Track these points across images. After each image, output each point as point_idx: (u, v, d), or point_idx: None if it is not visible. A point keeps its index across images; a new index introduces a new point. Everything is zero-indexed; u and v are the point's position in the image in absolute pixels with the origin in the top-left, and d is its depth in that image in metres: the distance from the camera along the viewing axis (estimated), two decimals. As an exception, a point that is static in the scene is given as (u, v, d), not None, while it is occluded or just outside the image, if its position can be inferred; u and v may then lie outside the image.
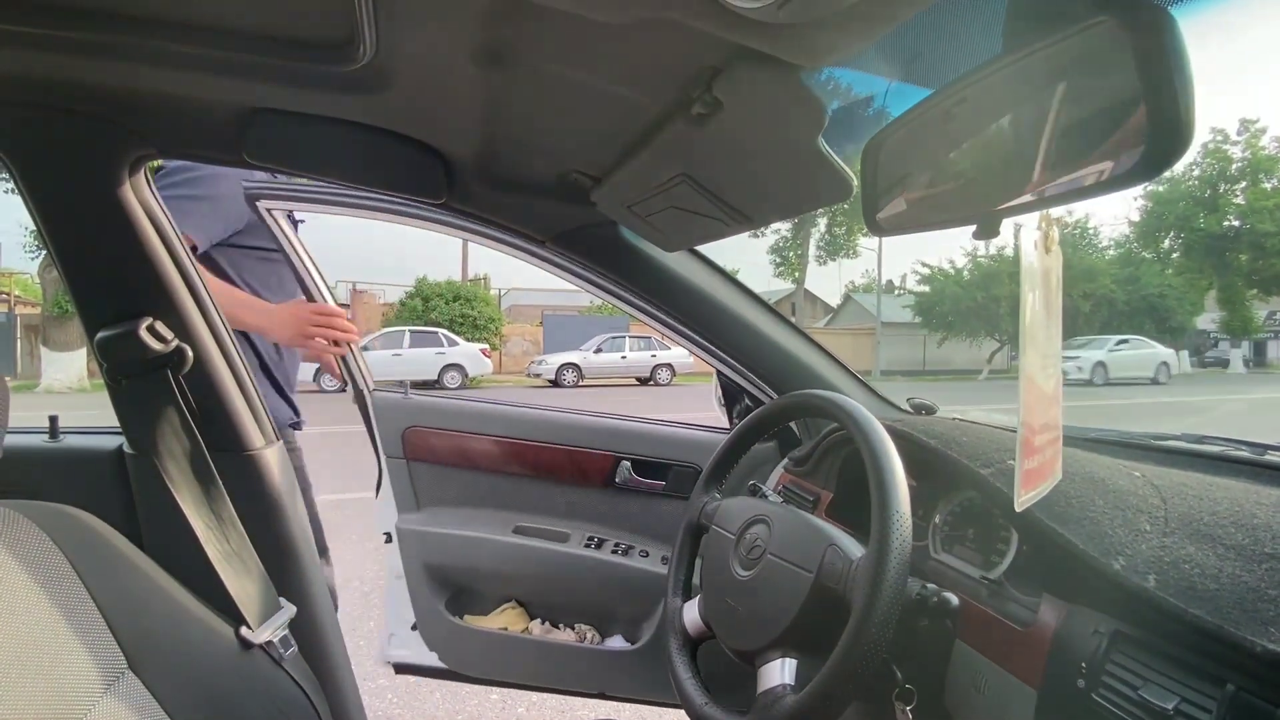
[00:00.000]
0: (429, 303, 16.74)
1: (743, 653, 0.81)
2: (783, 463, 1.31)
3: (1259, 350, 25.44)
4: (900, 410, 1.28)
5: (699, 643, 0.93)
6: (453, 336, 14.63)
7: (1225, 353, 23.31)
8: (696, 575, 0.98)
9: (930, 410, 1.24)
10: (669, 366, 15.78)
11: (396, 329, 14.59)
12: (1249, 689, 0.49)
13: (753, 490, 1.01)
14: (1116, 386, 15.60)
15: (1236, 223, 21.27)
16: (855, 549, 0.74)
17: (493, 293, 19.74)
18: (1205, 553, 0.60)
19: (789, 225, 26.57)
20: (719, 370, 1.33)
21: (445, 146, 0.91)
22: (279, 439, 1.05)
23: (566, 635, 1.50)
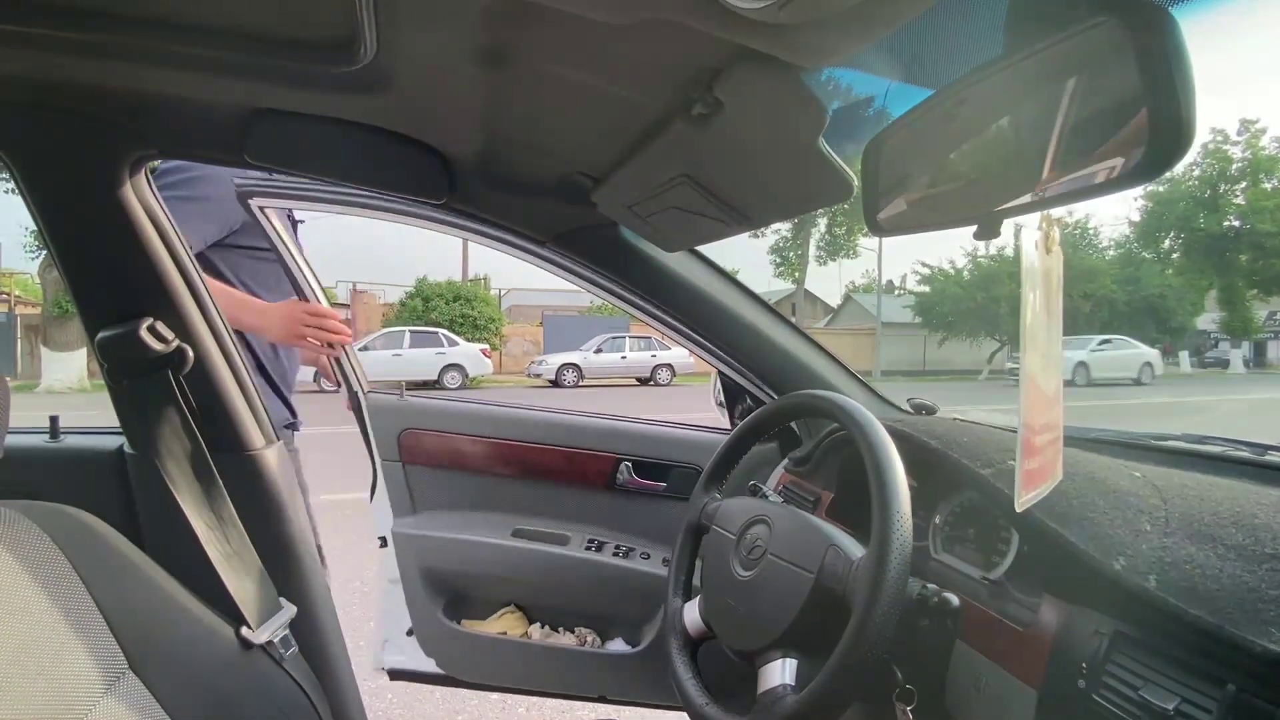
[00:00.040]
0: (429, 303, 16.73)
1: (743, 653, 0.81)
2: (783, 463, 1.31)
3: (1259, 350, 25.41)
4: (900, 410, 1.27)
5: (699, 643, 0.93)
6: (453, 337, 14.63)
7: (1225, 353, 23.28)
8: (697, 576, 0.98)
9: (930, 410, 1.24)
10: (669, 367, 15.77)
11: (397, 329, 14.61)
12: (1250, 689, 0.49)
13: (753, 490, 1.00)
14: (1099, 387, 15.46)
15: (1237, 223, 21.22)
16: (856, 549, 0.74)
17: (493, 293, 19.72)
18: (1206, 553, 0.60)
19: (789, 225, 26.55)
20: (719, 370, 1.33)
21: (446, 147, 0.91)
22: (278, 439, 1.05)
23: (567, 639, 1.49)
